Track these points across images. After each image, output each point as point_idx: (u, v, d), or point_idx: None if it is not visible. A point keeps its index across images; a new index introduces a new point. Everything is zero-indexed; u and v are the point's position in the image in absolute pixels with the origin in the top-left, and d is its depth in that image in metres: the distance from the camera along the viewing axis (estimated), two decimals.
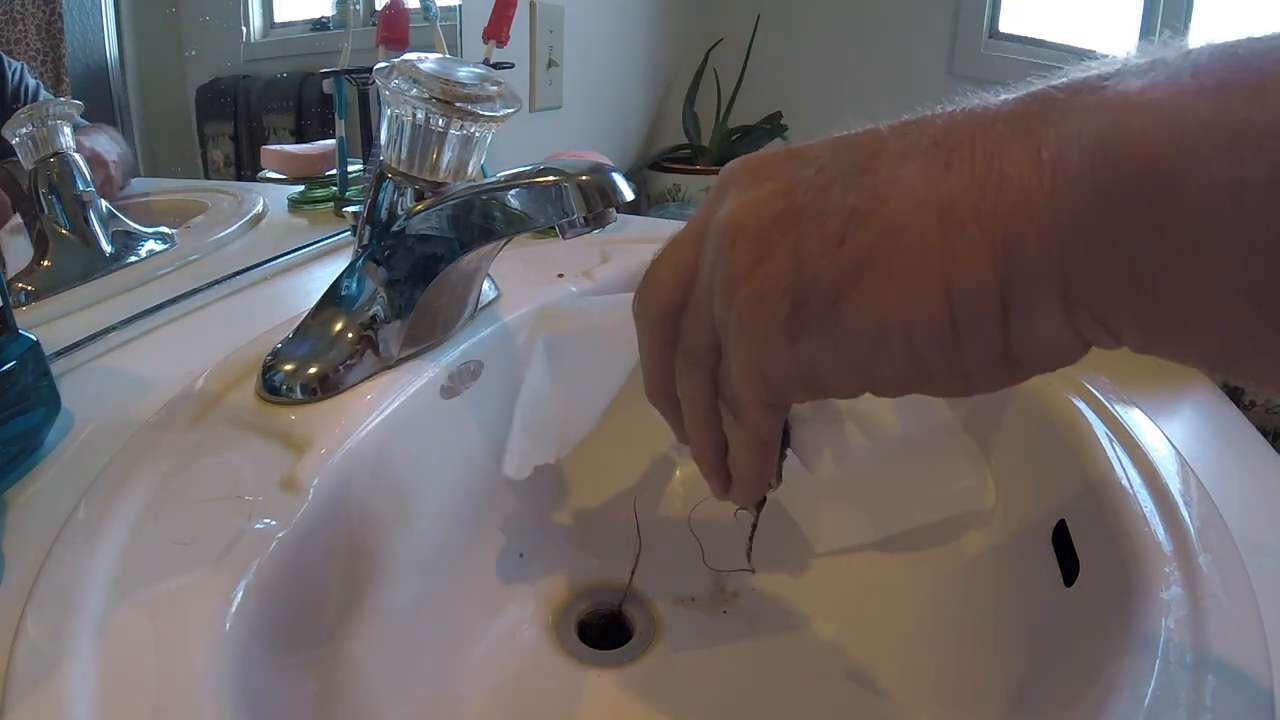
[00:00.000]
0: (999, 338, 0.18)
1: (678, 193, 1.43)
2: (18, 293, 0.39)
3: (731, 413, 0.23)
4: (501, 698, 0.35)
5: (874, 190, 0.18)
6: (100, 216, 0.43)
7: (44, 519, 0.26)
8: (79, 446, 0.31)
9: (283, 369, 0.33)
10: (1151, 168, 0.15)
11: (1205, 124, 0.14)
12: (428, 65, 0.32)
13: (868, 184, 0.18)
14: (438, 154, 0.33)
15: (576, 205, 0.30)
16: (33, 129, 0.39)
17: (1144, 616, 0.25)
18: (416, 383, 0.36)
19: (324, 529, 0.29)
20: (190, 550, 0.25)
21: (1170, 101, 0.15)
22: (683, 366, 0.23)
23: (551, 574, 0.42)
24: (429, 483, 0.37)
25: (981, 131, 0.17)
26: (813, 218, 0.18)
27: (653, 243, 0.55)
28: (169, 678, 0.21)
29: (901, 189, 0.18)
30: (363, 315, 0.35)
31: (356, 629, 0.31)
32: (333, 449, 0.30)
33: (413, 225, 0.34)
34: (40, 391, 0.30)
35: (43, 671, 0.20)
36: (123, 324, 0.40)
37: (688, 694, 0.37)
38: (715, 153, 1.49)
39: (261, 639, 0.24)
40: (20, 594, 0.23)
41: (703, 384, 0.23)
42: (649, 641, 0.39)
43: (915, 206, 0.17)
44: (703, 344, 0.22)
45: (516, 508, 0.43)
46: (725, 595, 0.42)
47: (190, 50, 0.47)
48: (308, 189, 0.59)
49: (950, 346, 0.18)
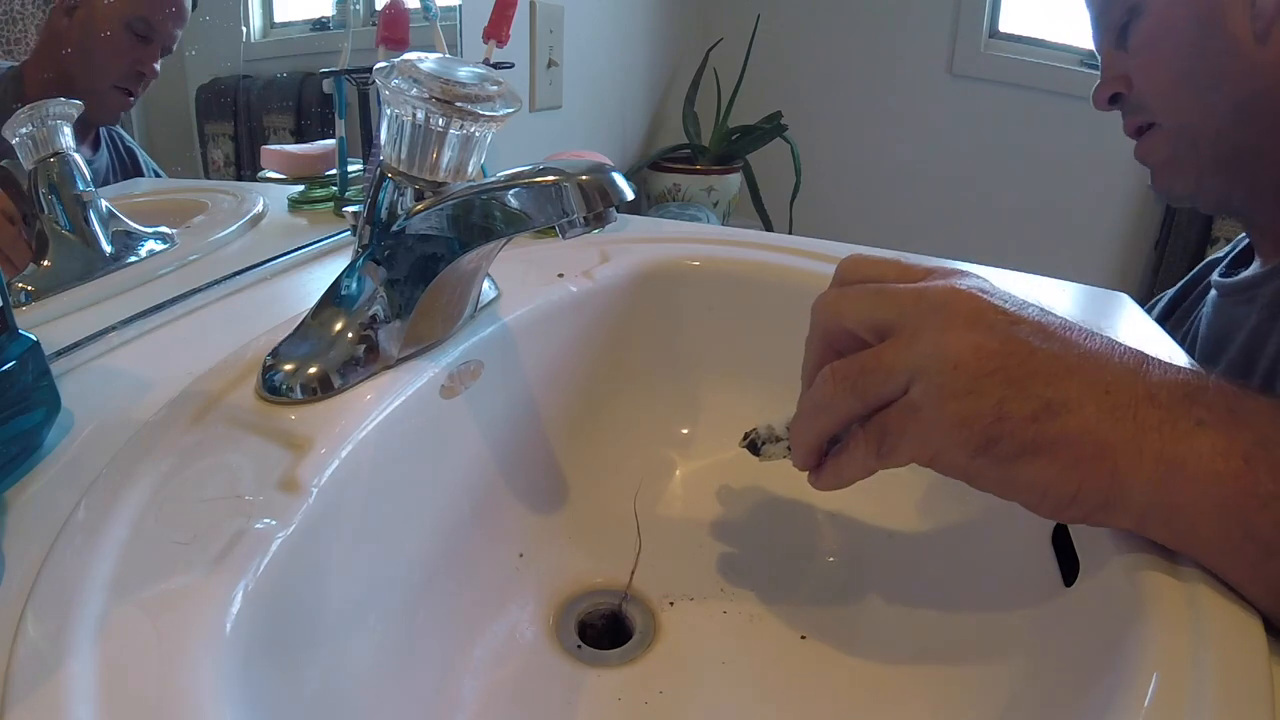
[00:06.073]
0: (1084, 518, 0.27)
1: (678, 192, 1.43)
2: (18, 293, 0.39)
3: (876, 448, 0.29)
4: (501, 698, 0.35)
5: (1066, 402, 0.26)
6: (100, 216, 0.43)
7: (44, 519, 0.26)
8: (79, 446, 0.31)
9: (283, 369, 0.33)
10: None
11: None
12: (428, 65, 0.32)
13: (1063, 395, 0.26)
14: (438, 154, 0.33)
15: (576, 205, 0.30)
16: (33, 129, 0.39)
17: (1144, 616, 0.25)
18: (416, 383, 0.36)
19: (324, 529, 0.29)
20: (190, 550, 0.25)
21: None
22: (843, 387, 0.29)
23: (551, 574, 0.42)
24: (429, 483, 0.37)
25: (1143, 405, 0.25)
26: (1019, 393, 0.26)
27: (653, 242, 0.56)
28: (169, 678, 0.20)
29: (1077, 412, 0.26)
30: (363, 315, 0.35)
31: (356, 629, 0.31)
32: (333, 449, 0.30)
33: (413, 225, 0.34)
34: (40, 391, 0.30)
35: (43, 671, 0.20)
36: (123, 324, 0.40)
37: (688, 694, 0.37)
38: (715, 152, 1.49)
39: (261, 639, 0.24)
40: (20, 594, 0.23)
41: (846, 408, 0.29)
42: (649, 641, 0.39)
43: (1085, 430, 0.25)
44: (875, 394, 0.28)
45: (516, 508, 0.43)
46: (725, 595, 0.42)
47: (190, 50, 0.47)
48: (308, 189, 0.59)
49: (1057, 512, 0.27)
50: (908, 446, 0.28)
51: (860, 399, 0.29)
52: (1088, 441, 0.25)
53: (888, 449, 0.29)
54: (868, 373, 0.28)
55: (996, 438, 0.26)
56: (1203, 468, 0.24)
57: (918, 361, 0.27)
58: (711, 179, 1.43)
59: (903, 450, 0.28)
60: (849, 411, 0.29)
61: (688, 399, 0.52)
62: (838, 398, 0.29)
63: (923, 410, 0.27)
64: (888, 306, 0.29)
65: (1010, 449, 0.26)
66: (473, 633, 0.37)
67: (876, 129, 1.64)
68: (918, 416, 0.27)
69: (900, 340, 0.28)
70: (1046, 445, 0.26)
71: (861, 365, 0.29)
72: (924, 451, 0.28)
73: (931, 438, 0.27)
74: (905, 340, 0.27)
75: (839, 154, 1.65)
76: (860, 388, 0.28)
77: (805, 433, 0.32)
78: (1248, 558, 0.25)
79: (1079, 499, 0.26)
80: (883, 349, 0.28)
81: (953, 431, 0.26)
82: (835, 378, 0.29)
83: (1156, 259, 1.48)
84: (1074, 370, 0.26)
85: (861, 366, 0.28)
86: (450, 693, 0.35)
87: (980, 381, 0.26)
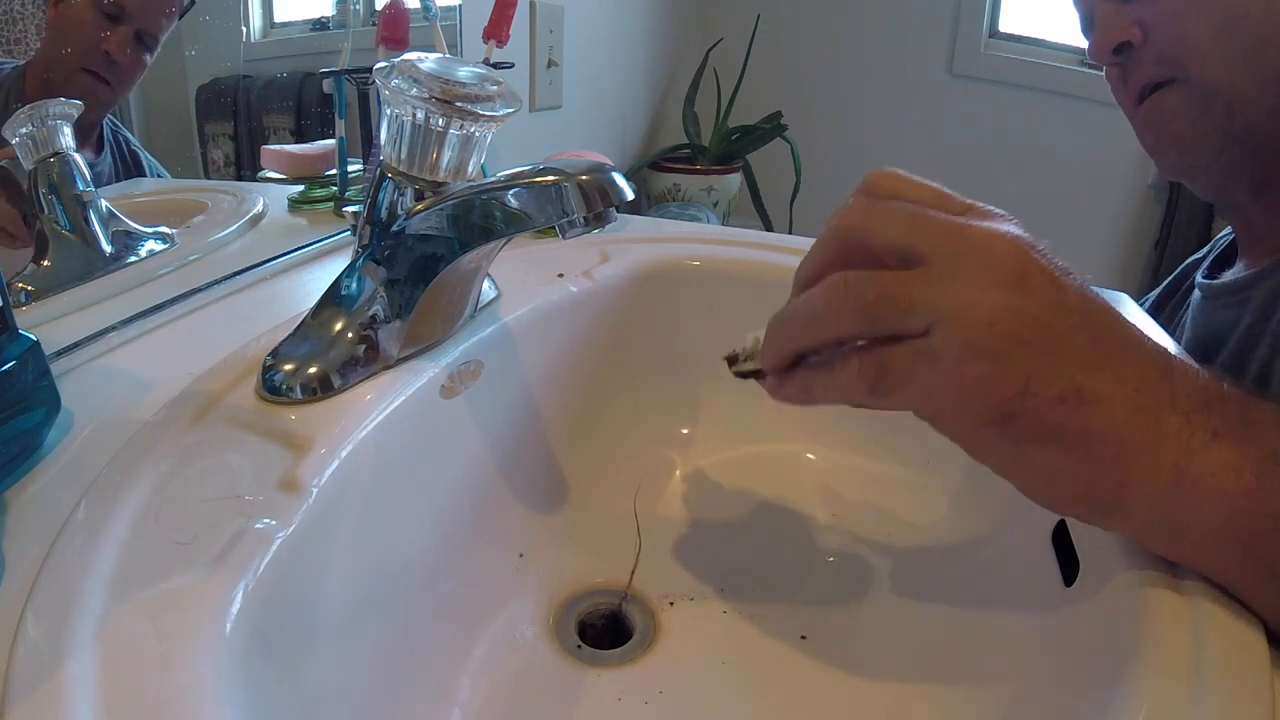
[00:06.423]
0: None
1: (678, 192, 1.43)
2: (18, 293, 0.39)
3: (870, 383, 0.26)
4: (501, 698, 0.35)
5: (1095, 393, 0.24)
6: (100, 216, 0.43)
7: (44, 519, 0.26)
8: (79, 446, 0.31)
9: (283, 369, 0.33)
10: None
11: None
12: (428, 65, 0.32)
13: (1092, 385, 0.24)
14: (438, 154, 0.33)
15: (576, 205, 0.30)
16: (33, 129, 0.39)
17: (1144, 616, 0.25)
18: (416, 383, 0.36)
19: (324, 529, 0.29)
20: (190, 550, 0.25)
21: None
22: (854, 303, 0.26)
23: (551, 574, 0.42)
24: (429, 482, 0.37)
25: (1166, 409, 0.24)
26: (1050, 370, 0.24)
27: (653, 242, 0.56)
28: (169, 678, 0.20)
29: (1106, 406, 0.24)
30: (363, 315, 0.35)
31: (356, 629, 0.31)
32: (333, 449, 0.30)
33: (413, 225, 0.34)
34: (40, 391, 0.30)
35: (43, 671, 0.20)
36: (123, 324, 0.40)
37: (688, 694, 0.37)
38: (715, 152, 1.49)
39: (261, 639, 0.24)
40: (20, 594, 0.23)
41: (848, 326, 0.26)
42: (649, 641, 0.39)
43: (1110, 429, 0.24)
44: (887, 324, 0.25)
45: (516, 508, 0.43)
46: (725, 595, 0.42)
47: (190, 50, 0.47)
48: (308, 189, 0.59)
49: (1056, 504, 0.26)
50: (910, 394, 0.25)
51: (869, 322, 0.25)
52: (1110, 441, 0.24)
53: (885, 388, 0.26)
54: (888, 299, 0.25)
55: (1016, 414, 0.24)
56: (1214, 485, 0.24)
57: (947, 306, 0.24)
58: (711, 179, 1.43)
59: (902, 396, 0.25)
60: (849, 331, 0.26)
61: (688, 399, 0.52)
62: (844, 313, 0.26)
63: (941, 362, 0.24)
64: (924, 233, 0.25)
65: (1027, 429, 0.24)
66: (472, 633, 0.37)
67: (876, 129, 1.64)
68: (933, 367, 0.24)
69: (931, 275, 0.25)
70: (1067, 435, 0.24)
71: (882, 288, 0.25)
72: (927, 405, 0.26)
73: (942, 394, 0.25)
74: (936, 277, 0.24)
75: (839, 154, 1.65)
76: (873, 311, 0.25)
77: (789, 338, 0.28)
78: (1252, 578, 0.24)
79: (1086, 498, 0.25)
80: (910, 278, 0.25)
81: (969, 395, 0.24)
82: (847, 289, 0.26)
83: (1156, 259, 1.48)
84: (1109, 359, 0.24)
85: (881, 289, 0.25)
86: (450, 693, 0.35)
87: (1012, 348, 0.23)
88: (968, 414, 0.25)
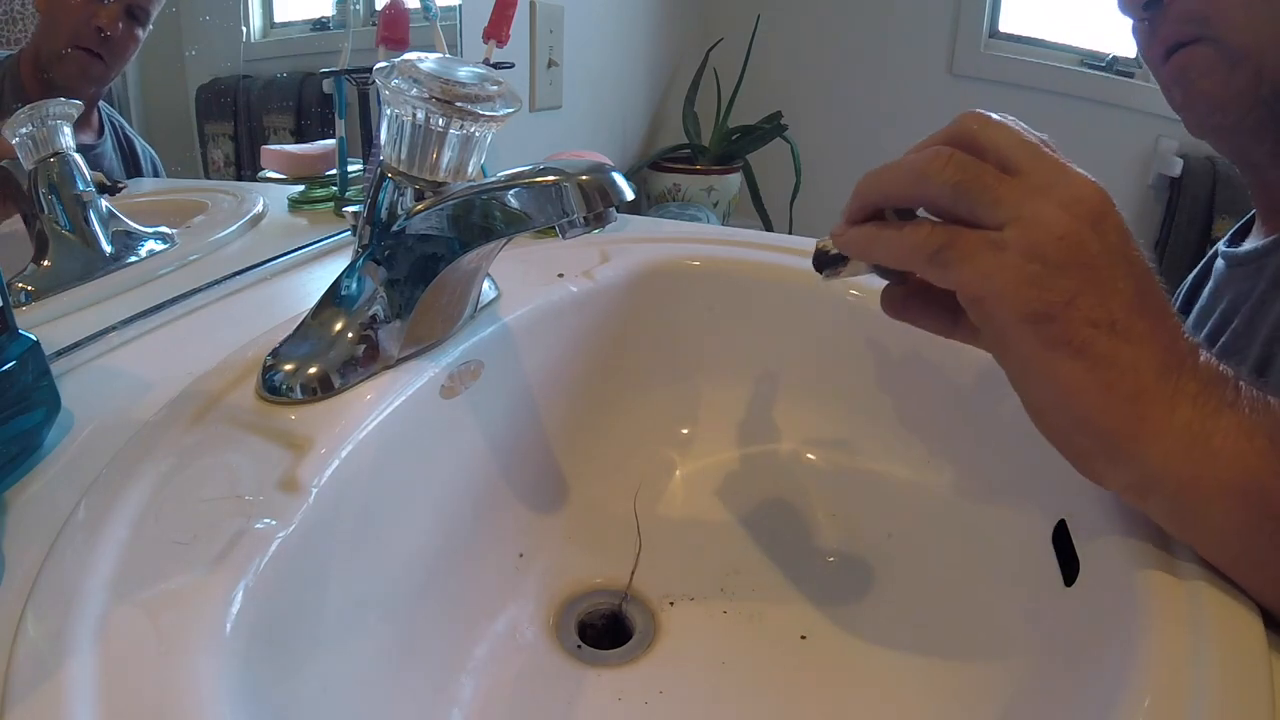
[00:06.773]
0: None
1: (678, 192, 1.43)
2: (18, 293, 0.39)
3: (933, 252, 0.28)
4: (501, 698, 0.35)
5: (1129, 332, 0.26)
6: (100, 216, 0.43)
7: (44, 519, 0.26)
8: (79, 446, 0.31)
9: (283, 369, 0.33)
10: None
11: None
12: (428, 65, 0.32)
13: (1129, 324, 0.26)
14: (438, 154, 0.33)
15: (576, 205, 0.30)
16: (33, 129, 0.39)
17: (1144, 615, 0.25)
18: (416, 383, 0.36)
19: (324, 529, 0.29)
20: (190, 550, 0.25)
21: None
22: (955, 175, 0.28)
23: (551, 574, 0.42)
24: (429, 482, 0.37)
25: (1187, 373, 0.26)
26: (1096, 297, 0.26)
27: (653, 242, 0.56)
28: (169, 678, 0.21)
29: (1135, 348, 0.26)
30: (363, 315, 0.35)
31: (356, 628, 0.31)
32: (333, 449, 0.30)
33: (413, 225, 0.34)
34: (40, 391, 0.30)
35: (43, 671, 0.20)
36: (123, 324, 0.40)
37: (688, 694, 0.37)
38: (715, 152, 1.49)
39: (261, 639, 0.24)
40: (20, 594, 0.23)
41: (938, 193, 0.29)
42: (649, 641, 0.39)
43: (1132, 368, 0.26)
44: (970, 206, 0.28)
45: (516, 508, 0.43)
46: (725, 595, 0.42)
47: (190, 50, 0.47)
48: (308, 189, 0.59)
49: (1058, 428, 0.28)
50: (967, 271, 0.27)
51: (957, 198, 0.28)
52: (1130, 377, 0.25)
53: (945, 259, 0.28)
54: (982, 185, 0.28)
55: (1054, 316, 0.26)
56: (1228, 444, 0.25)
57: (1029, 211, 0.27)
58: (711, 179, 1.43)
59: (959, 271, 0.28)
60: (937, 198, 0.29)
61: (688, 399, 0.52)
62: (943, 179, 0.28)
63: (1006, 252, 0.26)
64: (1030, 151, 0.28)
65: (1059, 333, 0.26)
66: (473, 633, 0.38)
67: (876, 129, 1.64)
68: (998, 255, 0.27)
69: (1024, 183, 0.27)
70: (1093, 355, 0.26)
71: (981, 176, 0.28)
72: (979, 286, 0.27)
73: (997, 278, 0.27)
74: (1028, 189, 0.27)
75: (839, 154, 1.65)
76: (965, 190, 0.28)
77: (881, 186, 0.31)
78: (1263, 539, 0.25)
79: (1089, 422, 0.26)
80: (1007, 179, 0.28)
81: (1020, 286, 0.26)
82: (955, 163, 0.28)
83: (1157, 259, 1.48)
84: (1148, 313, 0.26)
85: (980, 177, 0.28)
86: (450, 693, 0.35)
87: (1070, 265, 0.26)
88: (1012, 303, 0.26)
